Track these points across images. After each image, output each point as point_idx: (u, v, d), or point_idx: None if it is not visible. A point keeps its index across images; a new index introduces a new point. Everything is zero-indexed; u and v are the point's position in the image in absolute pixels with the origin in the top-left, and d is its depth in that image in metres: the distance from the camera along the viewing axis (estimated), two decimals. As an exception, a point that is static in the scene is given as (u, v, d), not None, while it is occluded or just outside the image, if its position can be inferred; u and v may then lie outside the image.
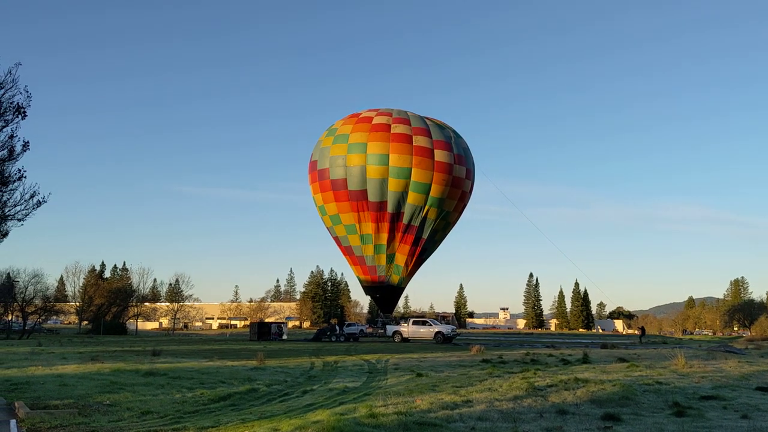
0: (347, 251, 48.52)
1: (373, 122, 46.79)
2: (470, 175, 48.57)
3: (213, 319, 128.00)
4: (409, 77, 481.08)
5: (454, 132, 49.01)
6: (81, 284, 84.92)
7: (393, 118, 47.13)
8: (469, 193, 48.79)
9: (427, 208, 45.58)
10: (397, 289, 49.02)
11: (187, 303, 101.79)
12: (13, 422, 10.85)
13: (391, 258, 47.02)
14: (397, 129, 46.06)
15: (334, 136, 47.73)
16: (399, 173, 44.75)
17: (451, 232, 50.00)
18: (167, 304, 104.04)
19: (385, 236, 46.14)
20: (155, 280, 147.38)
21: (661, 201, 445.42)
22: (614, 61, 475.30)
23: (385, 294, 49.35)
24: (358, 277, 50.40)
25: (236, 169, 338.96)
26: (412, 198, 45.16)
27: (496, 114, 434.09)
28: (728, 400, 12.66)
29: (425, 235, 46.59)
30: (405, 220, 45.70)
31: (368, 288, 50.14)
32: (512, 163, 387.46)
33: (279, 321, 78.32)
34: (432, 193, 45.37)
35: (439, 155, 45.81)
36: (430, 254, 49.38)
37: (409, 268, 47.58)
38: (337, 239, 48.81)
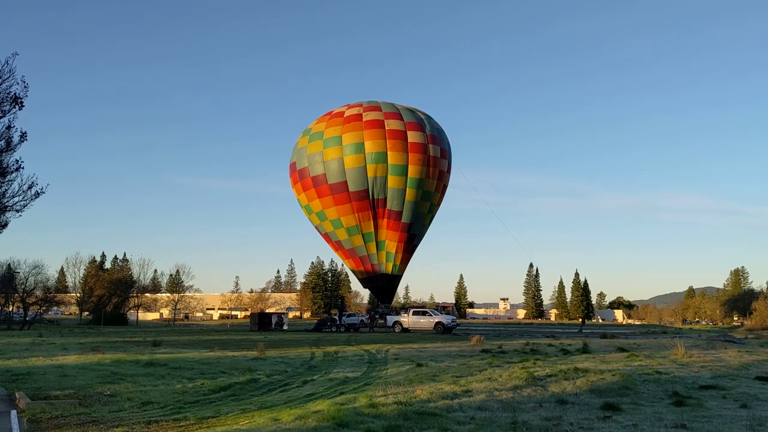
0: (338, 246, 48.68)
1: (346, 115, 47.39)
2: (446, 154, 48.72)
3: (214, 309, 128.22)
4: (411, 68, 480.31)
5: (426, 114, 49.28)
6: (81, 275, 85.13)
7: (364, 108, 47.70)
8: (447, 172, 48.94)
9: (408, 190, 45.72)
10: (393, 278, 49.05)
11: (187, 294, 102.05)
12: (13, 413, 10.87)
13: (381, 245, 47.14)
14: (369, 116, 46.54)
15: (309, 135, 48.35)
16: (375, 158, 44.98)
17: (438, 214, 50.28)
18: (168, 294, 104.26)
19: (371, 224, 46.29)
20: (156, 270, 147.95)
21: (661, 191, 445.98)
22: (614, 51, 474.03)
23: (382, 284, 49.42)
24: (352, 271, 50.50)
25: (236, 160, 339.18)
26: (391, 182, 45.34)
27: (494, 104, 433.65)
28: (728, 389, 12.67)
29: (411, 219, 46.74)
30: (389, 205, 45.86)
31: (364, 280, 50.27)
32: (511, 153, 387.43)
33: (279, 312, 78.48)
34: (410, 174, 45.58)
35: (412, 136, 46.07)
36: (421, 238, 49.46)
37: (401, 255, 47.62)
38: (326, 236, 48.98)
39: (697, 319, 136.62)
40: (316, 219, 48.36)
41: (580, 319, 73.83)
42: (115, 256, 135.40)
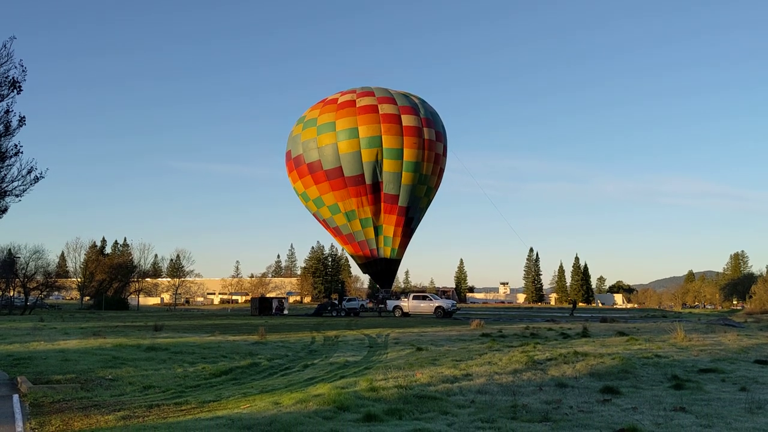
0: (336, 232, 48.82)
1: (339, 102, 47.48)
2: (441, 137, 48.83)
3: (214, 294, 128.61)
4: (409, 53, 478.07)
5: (419, 99, 49.47)
6: (82, 260, 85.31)
7: (357, 94, 47.78)
8: (443, 155, 49.00)
9: (404, 174, 45.78)
10: (392, 262, 49.16)
11: (188, 278, 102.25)
12: (15, 397, 10.91)
13: (378, 230, 47.26)
14: (363, 102, 46.62)
15: (304, 122, 48.50)
16: (370, 143, 45.06)
17: (438, 199, 50.44)
18: (168, 279, 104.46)
19: (368, 209, 46.35)
20: (156, 255, 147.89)
21: (661, 175, 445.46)
22: (612, 33, 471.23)
23: (381, 268, 49.53)
24: (351, 256, 50.67)
25: (236, 144, 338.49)
26: (387, 165, 45.37)
27: (494, 88, 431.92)
28: (727, 373, 12.71)
29: (408, 203, 46.81)
30: (385, 189, 45.92)
31: (363, 265, 50.49)
32: (511, 137, 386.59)
33: (280, 296, 78.75)
34: (406, 158, 45.63)
35: (407, 120, 46.15)
36: (418, 222, 49.58)
37: (399, 239, 47.71)
38: (324, 222, 49.10)
39: (696, 303, 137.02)
40: (313, 206, 48.48)
41: (571, 304, 73.83)
42: (116, 241, 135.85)
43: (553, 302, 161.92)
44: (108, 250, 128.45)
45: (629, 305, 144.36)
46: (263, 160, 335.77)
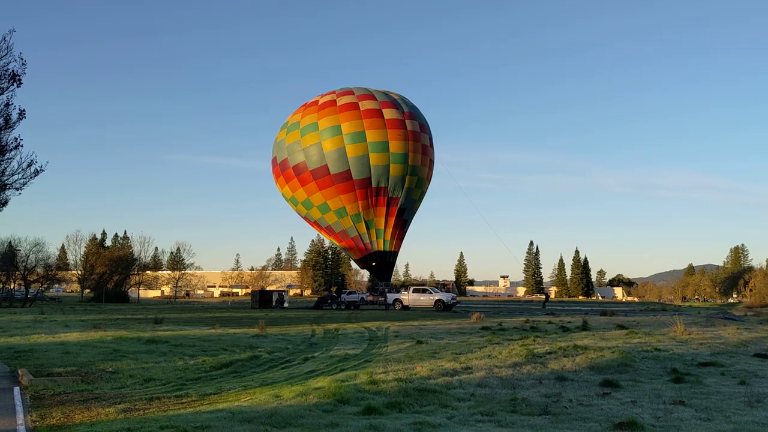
0: (329, 231, 48.92)
1: (320, 103, 47.78)
2: (426, 129, 49.19)
3: (214, 287, 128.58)
4: (405, 46, 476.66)
5: (399, 95, 49.88)
6: (82, 253, 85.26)
7: (337, 94, 48.13)
8: (430, 146, 49.16)
9: (391, 166, 45.83)
10: (387, 254, 49.21)
11: (188, 271, 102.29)
12: (16, 389, 10.93)
13: (370, 224, 47.36)
14: (343, 100, 46.97)
15: (287, 127, 48.82)
16: (354, 138, 45.21)
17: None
18: (169, 272, 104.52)
19: (358, 204, 46.44)
20: (156, 248, 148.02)
21: (661, 168, 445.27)
22: (611, 24, 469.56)
23: (377, 261, 49.56)
24: (346, 251, 50.79)
25: (236, 137, 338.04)
26: (374, 159, 45.48)
27: (489, 79, 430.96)
28: (726, 366, 12.73)
29: (398, 194, 46.90)
30: (374, 183, 46.07)
31: (359, 260, 50.57)
32: (508, 130, 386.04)
33: (280, 289, 78.83)
34: (392, 150, 45.79)
35: (388, 113, 46.45)
36: (412, 213, 49.67)
37: (392, 230, 47.79)
38: (315, 224, 49.19)
39: (696, 297, 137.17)
40: (302, 209, 48.55)
41: (543, 296, 73.32)
42: (116, 233, 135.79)
43: (553, 295, 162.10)
44: (108, 242, 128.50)
45: (629, 298, 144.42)
46: (263, 152, 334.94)
